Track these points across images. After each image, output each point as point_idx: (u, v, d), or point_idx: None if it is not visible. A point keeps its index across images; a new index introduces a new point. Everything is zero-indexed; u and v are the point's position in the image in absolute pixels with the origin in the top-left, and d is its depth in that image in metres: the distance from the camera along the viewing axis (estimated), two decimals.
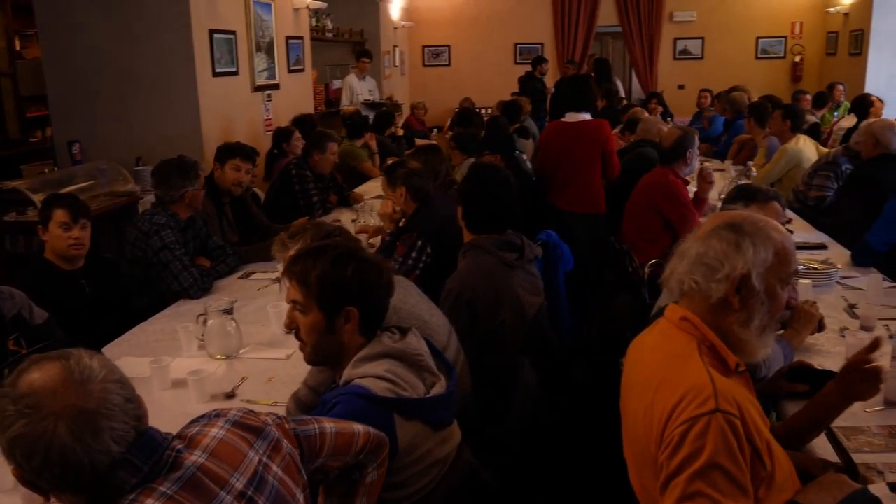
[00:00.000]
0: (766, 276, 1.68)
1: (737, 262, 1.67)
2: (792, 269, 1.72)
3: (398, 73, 12.30)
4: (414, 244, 3.48)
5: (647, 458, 1.67)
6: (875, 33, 10.80)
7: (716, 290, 1.69)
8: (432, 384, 1.88)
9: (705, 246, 1.71)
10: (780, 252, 1.69)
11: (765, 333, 1.72)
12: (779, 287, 1.70)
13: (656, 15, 12.43)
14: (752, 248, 1.68)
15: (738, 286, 1.68)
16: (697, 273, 1.71)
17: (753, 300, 1.69)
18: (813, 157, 5.77)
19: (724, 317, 1.71)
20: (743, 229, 1.70)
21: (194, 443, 1.36)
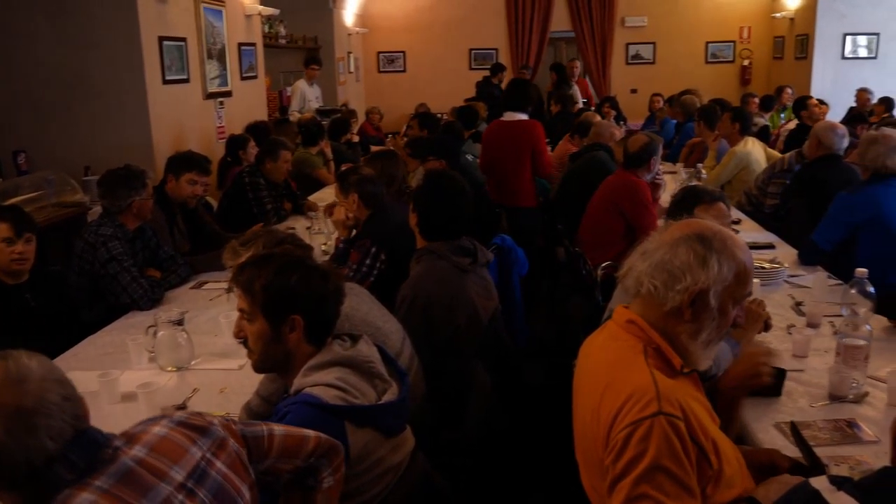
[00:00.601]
0: (722, 294, 1.71)
1: (699, 277, 1.69)
2: (747, 291, 1.75)
3: (353, 80, 12.26)
4: (368, 251, 3.46)
5: (596, 460, 1.68)
6: (819, 38, 11.10)
7: (672, 300, 1.71)
8: (384, 391, 1.87)
9: (672, 253, 1.73)
10: (740, 273, 1.72)
11: (709, 347, 1.76)
12: (731, 306, 1.73)
13: (608, 20, 12.60)
14: (717, 266, 1.69)
15: (693, 299, 1.70)
16: (658, 278, 1.72)
17: (705, 315, 1.71)
18: (761, 158, 5.89)
19: (674, 325, 1.74)
20: (712, 245, 1.71)
21: (135, 439, 1.38)
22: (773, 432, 2.22)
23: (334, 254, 3.76)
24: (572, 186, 5.17)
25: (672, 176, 6.18)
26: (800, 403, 2.39)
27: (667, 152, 7.75)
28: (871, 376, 2.50)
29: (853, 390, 2.40)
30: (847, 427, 2.23)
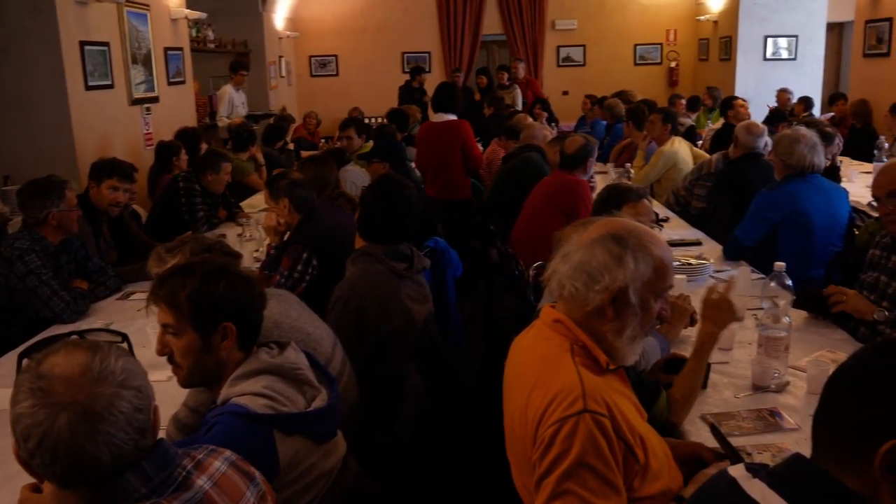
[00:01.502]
0: (642, 290, 1.73)
1: (616, 275, 1.72)
2: (667, 284, 1.78)
3: (285, 84, 12.12)
4: (299, 256, 3.43)
5: (525, 458, 1.70)
6: (742, 40, 11.45)
7: (593, 300, 1.73)
8: (313, 398, 1.85)
9: (589, 254, 1.75)
10: (658, 268, 1.74)
11: (635, 342, 1.78)
12: (653, 300, 1.76)
13: (539, 23, 12.76)
14: (633, 263, 1.72)
15: (614, 297, 1.72)
16: (579, 280, 1.75)
17: (627, 312, 1.74)
18: (688, 157, 6.04)
19: (598, 324, 1.76)
20: (627, 243, 1.74)
21: (202, 467, 1.39)
22: (700, 424, 2.27)
23: (265, 260, 3.71)
24: (505, 188, 5.22)
25: (602, 176, 6.30)
26: (724, 395, 2.46)
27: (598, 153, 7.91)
28: (791, 366, 2.59)
29: (775, 380, 2.48)
30: (769, 416, 2.31)
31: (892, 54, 8.50)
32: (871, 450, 1.11)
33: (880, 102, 7.94)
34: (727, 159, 5.10)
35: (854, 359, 1.19)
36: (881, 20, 8.70)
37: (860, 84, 9.21)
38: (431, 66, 12.73)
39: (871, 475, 1.12)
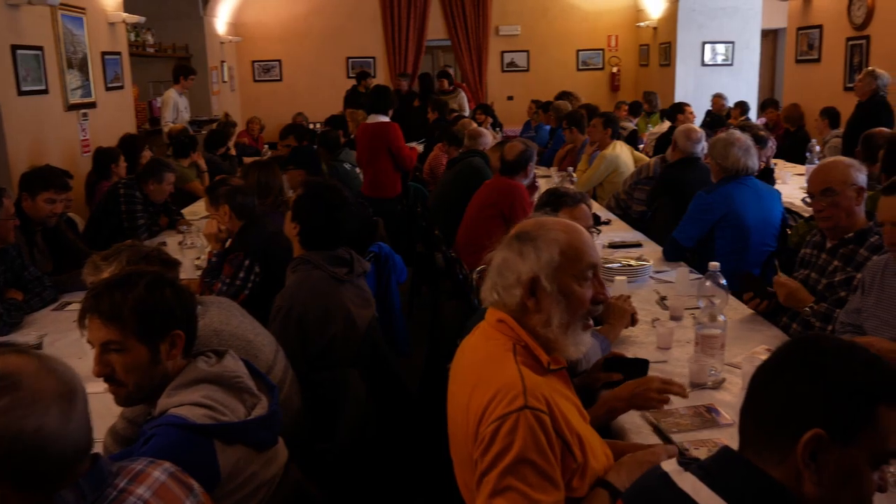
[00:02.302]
0: (555, 276, 1.76)
1: (521, 268, 1.76)
2: (585, 265, 1.78)
3: (228, 89, 11.98)
4: (241, 264, 3.39)
5: (467, 456, 1.72)
6: (681, 46, 11.71)
7: (511, 297, 1.78)
8: (253, 406, 1.83)
9: (498, 258, 1.82)
10: (566, 251, 1.76)
11: (570, 330, 1.79)
12: (575, 284, 1.77)
13: (483, 29, 12.85)
14: (535, 253, 1.76)
15: (530, 290, 1.76)
16: (498, 284, 1.81)
17: (548, 300, 1.76)
18: (629, 161, 6.15)
19: (528, 320, 1.79)
20: (527, 236, 1.79)
21: (140, 478, 1.38)
22: (640, 422, 2.31)
23: (207, 268, 3.66)
24: (449, 193, 5.24)
25: (546, 180, 6.37)
26: None
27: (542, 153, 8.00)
28: (728, 363, 2.65)
29: (711, 377, 2.54)
30: (706, 412, 2.36)
31: (823, 60, 8.80)
32: (793, 440, 1.15)
33: (812, 106, 8.20)
34: (665, 163, 5.21)
35: (775, 354, 1.24)
36: (812, 27, 9.01)
37: (793, 89, 9.51)
38: (376, 70, 12.72)
39: (793, 464, 1.16)
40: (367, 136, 6.38)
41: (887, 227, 2.51)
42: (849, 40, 8.20)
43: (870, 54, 7.83)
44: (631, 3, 13.10)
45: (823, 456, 1.15)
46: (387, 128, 6.32)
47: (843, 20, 8.26)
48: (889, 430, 1.17)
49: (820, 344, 1.23)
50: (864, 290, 2.72)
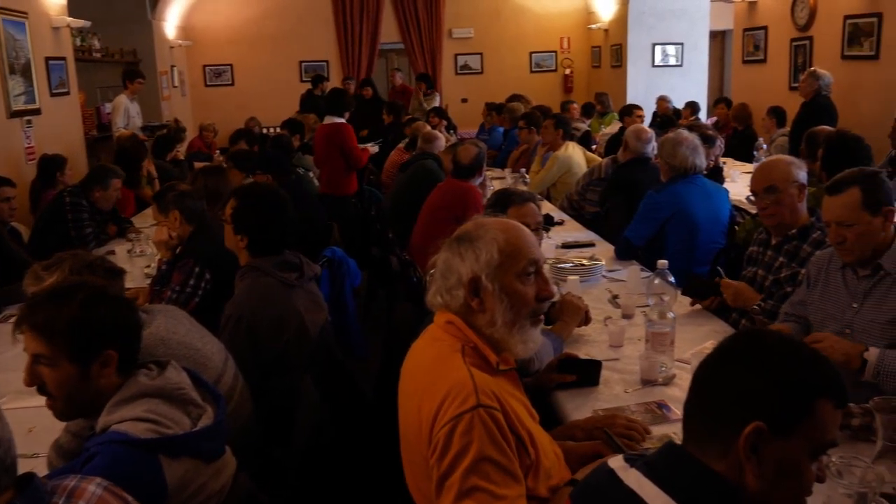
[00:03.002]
0: (497, 275, 1.77)
1: (462, 269, 1.78)
2: (525, 262, 1.79)
3: (178, 94, 11.80)
4: (191, 271, 3.33)
5: (420, 460, 1.71)
6: (631, 47, 11.87)
7: (455, 299, 1.79)
8: (199, 417, 1.80)
9: (440, 261, 1.83)
10: (504, 249, 1.77)
11: (516, 328, 1.79)
12: (517, 282, 1.78)
13: (436, 32, 12.87)
14: (473, 253, 1.77)
15: (472, 290, 1.77)
16: (441, 287, 1.82)
17: (491, 300, 1.77)
18: (581, 162, 6.21)
19: (474, 321, 1.80)
20: (466, 237, 1.81)
21: (76, 494, 1.36)
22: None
23: (156, 276, 3.59)
24: (403, 196, 5.24)
25: (500, 181, 6.40)
26: (615, 390, 2.53)
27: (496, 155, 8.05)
28: (677, 359, 2.68)
29: (662, 374, 2.57)
30: (657, 408, 2.39)
31: (768, 60, 8.99)
32: (735, 433, 1.17)
33: (759, 106, 8.38)
34: (617, 164, 5.27)
35: (717, 349, 1.25)
36: (757, 28, 9.20)
37: (740, 89, 9.71)
38: (330, 74, 12.64)
39: (735, 457, 1.18)
40: (322, 136, 6.69)
41: (832, 226, 2.56)
42: (793, 41, 8.40)
43: (813, 54, 8.02)
44: (582, 6, 13.24)
45: (764, 449, 1.17)
46: (340, 128, 6.60)
47: (786, 21, 8.45)
48: (827, 422, 1.19)
49: (760, 339, 1.26)
50: (809, 283, 2.78)
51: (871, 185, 2.50)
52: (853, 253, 2.53)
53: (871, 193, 2.48)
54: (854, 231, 2.49)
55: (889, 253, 2.50)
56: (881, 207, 2.49)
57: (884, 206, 2.49)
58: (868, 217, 2.48)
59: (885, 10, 6.89)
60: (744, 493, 1.19)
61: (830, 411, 1.19)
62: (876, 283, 2.52)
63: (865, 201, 2.48)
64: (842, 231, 2.51)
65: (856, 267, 2.57)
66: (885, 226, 2.50)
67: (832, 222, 2.56)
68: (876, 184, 2.51)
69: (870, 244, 2.51)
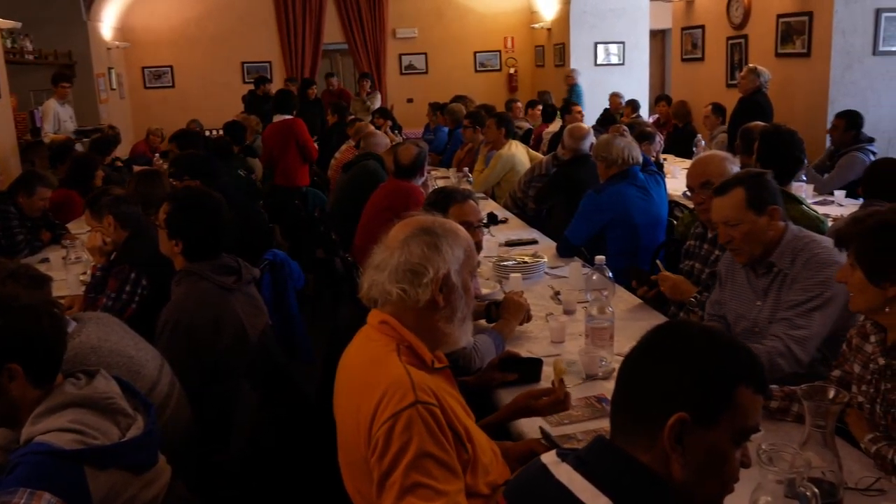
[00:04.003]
0: (461, 272, 1.83)
1: (439, 264, 1.79)
2: (475, 261, 1.91)
3: (117, 97, 11.53)
4: (127, 277, 3.25)
5: (360, 461, 1.69)
6: (574, 46, 12.00)
7: (423, 294, 1.78)
8: (128, 427, 1.75)
9: (406, 253, 1.79)
10: (467, 248, 1.86)
11: (464, 323, 1.87)
12: (470, 279, 1.87)
13: (380, 32, 12.83)
14: (449, 248, 1.81)
15: (441, 286, 1.79)
16: (404, 281, 1.78)
17: (454, 296, 1.82)
18: (525, 160, 6.25)
19: (430, 316, 1.81)
20: (437, 232, 1.82)
21: None
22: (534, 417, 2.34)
23: (90, 283, 3.50)
24: (345, 196, 5.21)
25: (444, 181, 6.40)
26: None
27: (440, 158, 8.06)
28: (618, 353, 2.71)
29: (602, 368, 2.60)
30: (597, 402, 2.41)
31: (706, 59, 9.18)
32: (659, 425, 1.18)
33: (698, 103, 8.55)
34: (558, 161, 5.32)
35: (640, 342, 1.27)
36: (695, 27, 9.38)
37: (680, 86, 9.89)
38: (273, 75, 12.50)
39: (661, 448, 1.19)
40: (275, 132, 7.10)
41: (720, 226, 2.62)
42: (729, 39, 8.58)
43: (748, 52, 8.21)
44: (525, 6, 13.34)
45: (689, 439, 1.19)
46: (293, 123, 7.12)
47: (723, 20, 8.64)
48: (748, 408, 1.22)
49: (680, 331, 1.28)
50: (721, 282, 2.85)
51: (756, 185, 2.56)
52: (743, 253, 2.61)
53: (756, 193, 2.55)
54: (740, 230, 2.55)
55: (779, 250, 2.57)
56: (766, 206, 2.55)
57: (768, 205, 2.55)
58: (753, 216, 2.54)
59: (815, 9, 7.10)
60: (671, 483, 1.20)
61: (751, 397, 1.21)
62: (772, 281, 2.60)
63: (750, 201, 2.54)
64: (729, 231, 2.58)
65: (752, 266, 2.63)
66: (772, 224, 2.56)
67: (720, 222, 2.62)
68: (760, 184, 2.58)
69: (757, 243, 2.57)
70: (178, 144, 5.94)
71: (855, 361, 2.16)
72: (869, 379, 2.09)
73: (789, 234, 2.60)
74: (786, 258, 2.56)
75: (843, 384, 2.16)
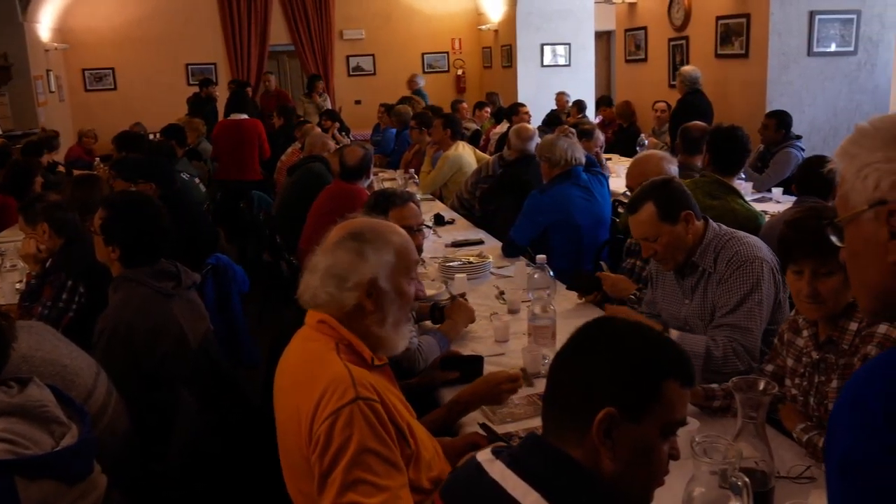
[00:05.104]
0: (391, 276, 1.81)
1: (363, 270, 1.78)
2: (413, 264, 1.87)
3: (56, 100, 11.24)
4: (63, 285, 3.17)
5: (301, 461, 1.69)
6: (521, 48, 12.08)
7: (349, 298, 1.78)
8: (62, 436, 1.71)
9: (333, 258, 1.80)
10: (399, 252, 1.83)
11: (400, 327, 1.85)
12: (405, 283, 1.85)
13: (327, 33, 12.75)
14: (375, 254, 1.80)
15: (368, 291, 1.78)
16: (330, 284, 1.79)
17: (384, 300, 1.81)
18: (472, 161, 6.28)
19: (360, 320, 1.80)
20: (364, 237, 1.81)
21: None
22: (475, 414, 2.35)
23: (25, 291, 3.41)
24: (290, 199, 5.17)
25: (392, 182, 6.40)
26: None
27: (388, 160, 8.05)
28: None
29: (545, 366, 2.62)
30: (539, 400, 2.43)
31: (649, 59, 9.34)
32: (588, 420, 1.20)
33: (641, 103, 8.70)
34: (504, 161, 5.36)
35: (569, 340, 1.29)
36: (637, 29, 9.54)
37: (624, 87, 10.05)
38: (218, 77, 12.30)
39: (591, 443, 1.21)
40: (231, 130, 7.55)
41: (642, 242, 2.67)
42: (671, 41, 8.74)
43: (689, 53, 8.38)
44: (472, 7, 13.39)
45: (617, 433, 1.21)
46: (254, 123, 7.75)
47: (664, 22, 8.80)
48: (675, 402, 1.25)
49: (608, 327, 1.30)
50: (651, 283, 2.91)
51: (664, 197, 2.59)
52: (668, 262, 2.66)
53: (665, 205, 2.58)
54: (660, 243, 2.60)
55: (701, 250, 2.62)
56: (678, 214, 2.58)
57: (681, 211, 2.58)
58: (668, 227, 2.58)
59: (752, 10, 7.28)
60: (601, 477, 1.23)
61: (678, 391, 1.24)
62: (698, 280, 2.66)
63: (661, 214, 2.57)
64: (650, 245, 2.62)
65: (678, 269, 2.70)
66: (689, 228, 2.60)
67: (639, 239, 2.67)
68: (668, 194, 2.61)
69: (679, 250, 2.62)
70: (119, 147, 5.80)
71: (788, 356, 2.22)
72: (802, 372, 2.15)
73: (710, 232, 2.63)
74: (708, 257, 2.61)
75: (776, 378, 2.21)
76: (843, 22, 7.16)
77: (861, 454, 0.88)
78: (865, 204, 1.02)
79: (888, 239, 1.00)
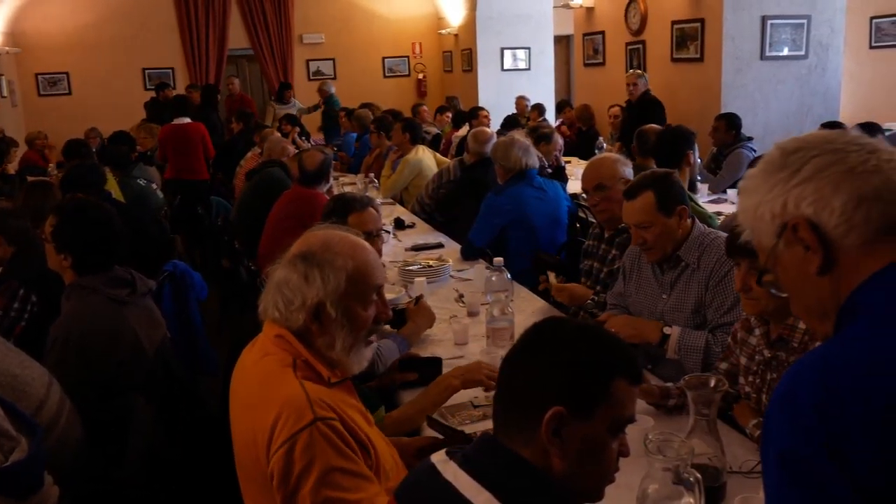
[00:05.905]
0: (341, 302, 1.72)
1: (308, 293, 1.71)
2: (371, 289, 1.78)
3: (9, 105, 11.01)
4: (15, 294, 3.11)
5: (257, 476, 1.66)
6: (481, 52, 12.14)
7: (295, 320, 1.72)
8: (11, 450, 1.68)
9: (283, 275, 1.75)
10: (352, 276, 1.73)
11: (353, 351, 1.77)
12: (359, 308, 1.76)
13: (286, 37, 12.68)
14: (321, 279, 1.71)
15: (314, 314, 1.71)
16: (279, 301, 1.74)
17: (332, 325, 1.73)
18: (432, 164, 6.29)
19: (311, 340, 1.75)
20: (314, 259, 1.73)
21: None
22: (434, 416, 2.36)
23: None
24: (249, 204, 5.13)
25: (352, 187, 6.39)
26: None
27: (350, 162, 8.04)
28: None
29: None
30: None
31: (607, 63, 9.45)
32: (538, 419, 1.22)
33: (600, 106, 8.80)
34: (464, 165, 5.38)
35: (518, 341, 1.31)
36: (595, 33, 9.65)
37: (583, 90, 10.15)
38: (176, 81, 12.16)
39: (540, 442, 1.23)
40: (177, 133, 7.81)
41: (633, 228, 2.72)
42: (628, 45, 8.86)
43: (646, 57, 8.50)
44: (432, 11, 13.42)
45: (566, 432, 1.23)
46: (198, 126, 8.00)
47: (621, 26, 8.91)
48: (624, 400, 1.27)
49: (557, 327, 1.32)
50: (625, 275, 2.95)
51: (664, 188, 2.67)
52: (655, 252, 2.71)
53: (665, 196, 2.65)
54: (652, 232, 2.66)
55: (686, 245, 2.69)
56: (675, 207, 2.66)
57: (677, 205, 2.67)
58: (663, 218, 2.65)
59: (707, 16, 7.41)
60: (552, 476, 1.24)
61: (626, 389, 1.27)
62: (679, 275, 2.71)
63: (659, 204, 2.64)
64: (641, 233, 2.68)
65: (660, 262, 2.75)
66: (681, 223, 2.69)
67: (632, 225, 2.72)
68: (668, 186, 2.68)
69: (668, 242, 2.69)
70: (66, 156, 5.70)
71: (741, 354, 2.27)
72: (755, 370, 2.20)
73: (696, 230, 2.72)
74: (693, 253, 2.67)
75: (730, 376, 2.26)
76: (795, 27, 7.33)
77: (799, 455, 0.91)
78: (774, 237, 1.06)
79: (804, 253, 1.04)
